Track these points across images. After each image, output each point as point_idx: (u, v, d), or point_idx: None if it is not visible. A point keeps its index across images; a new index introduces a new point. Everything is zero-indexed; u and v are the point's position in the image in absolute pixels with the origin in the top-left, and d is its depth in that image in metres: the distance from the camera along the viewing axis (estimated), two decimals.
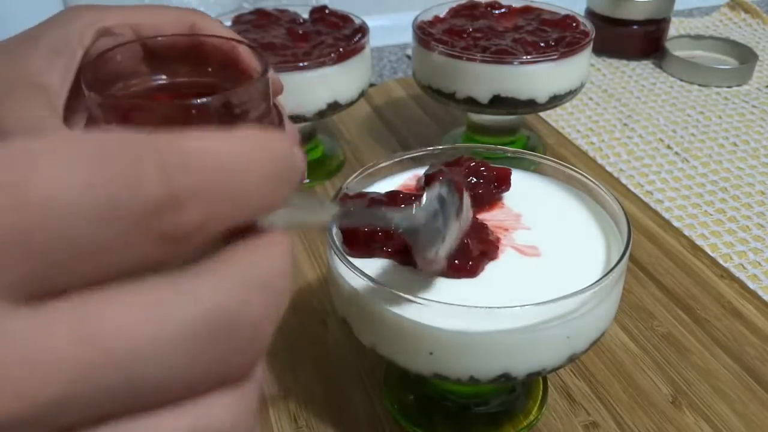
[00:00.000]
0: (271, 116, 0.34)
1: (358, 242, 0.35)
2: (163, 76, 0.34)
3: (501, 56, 0.58)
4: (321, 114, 0.60)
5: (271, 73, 0.33)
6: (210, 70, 0.35)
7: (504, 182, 0.40)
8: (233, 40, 0.34)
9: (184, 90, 0.35)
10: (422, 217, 0.28)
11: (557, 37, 0.61)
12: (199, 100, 0.30)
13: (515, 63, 0.58)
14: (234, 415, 0.15)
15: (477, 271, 0.34)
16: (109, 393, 0.13)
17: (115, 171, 0.12)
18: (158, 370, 0.13)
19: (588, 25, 0.64)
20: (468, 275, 0.34)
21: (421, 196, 0.29)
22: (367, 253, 0.35)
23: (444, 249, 0.30)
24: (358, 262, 0.34)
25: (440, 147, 0.42)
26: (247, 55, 0.34)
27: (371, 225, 0.28)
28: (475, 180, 0.39)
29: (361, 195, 0.38)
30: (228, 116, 0.30)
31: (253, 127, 0.15)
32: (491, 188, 0.40)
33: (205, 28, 0.35)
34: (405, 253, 0.34)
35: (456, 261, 0.33)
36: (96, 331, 0.12)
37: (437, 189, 0.30)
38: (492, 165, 0.40)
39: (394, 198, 0.38)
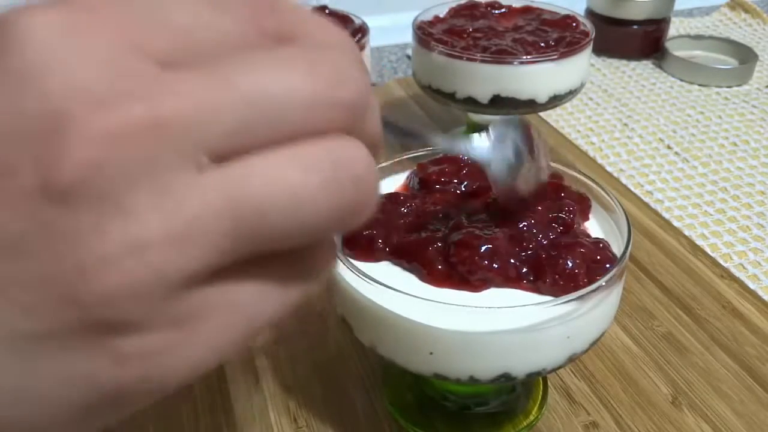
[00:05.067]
0: None
1: (359, 243, 0.35)
2: None
3: (501, 56, 0.58)
4: None
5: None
6: None
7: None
8: None
9: None
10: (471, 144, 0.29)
11: (557, 37, 0.61)
12: None
13: (515, 63, 0.58)
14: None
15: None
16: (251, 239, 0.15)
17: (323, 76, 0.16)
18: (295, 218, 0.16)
19: (588, 25, 0.64)
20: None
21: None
22: (368, 254, 0.35)
23: (517, 178, 0.31)
24: (358, 262, 0.34)
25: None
26: None
27: (410, 140, 0.28)
28: None
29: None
30: None
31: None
32: None
33: None
34: (405, 254, 0.34)
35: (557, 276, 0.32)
36: (245, 188, 0.15)
37: (500, 125, 0.31)
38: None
39: (394, 200, 0.38)
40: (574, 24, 0.64)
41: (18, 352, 0.15)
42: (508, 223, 0.35)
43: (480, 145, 0.30)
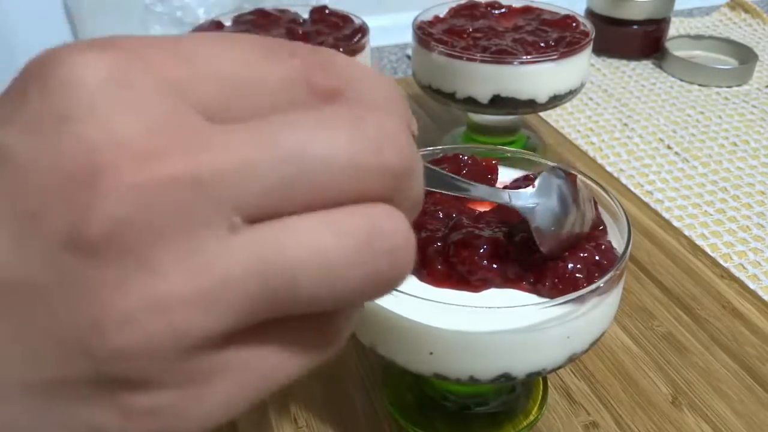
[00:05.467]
0: None
1: None
2: None
3: (501, 56, 0.58)
4: None
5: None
6: None
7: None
8: None
9: None
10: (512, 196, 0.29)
11: (557, 37, 0.61)
12: None
13: (515, 63, 0.58)
14: None
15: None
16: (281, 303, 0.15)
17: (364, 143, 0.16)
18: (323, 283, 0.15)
19: (588, 25, 0.64)
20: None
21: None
22: None
23: (562, 229, 0.31)
24: None
25: (440, 147, 0.42)
26: None
27: (454, 191, 0.28)
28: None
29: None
30: None
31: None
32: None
33: None
34: None
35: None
36: (277, 251, 0.15)
37: (548, 175, 0.31)
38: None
39: None
40: (574, 24, 0.64)
41: (29, 398, 0.15)
42: (509, 222, 0.35)
43: (524, 194, 0.30)
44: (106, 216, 0.13)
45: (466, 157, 0.40)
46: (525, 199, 0.29)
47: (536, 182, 0.31)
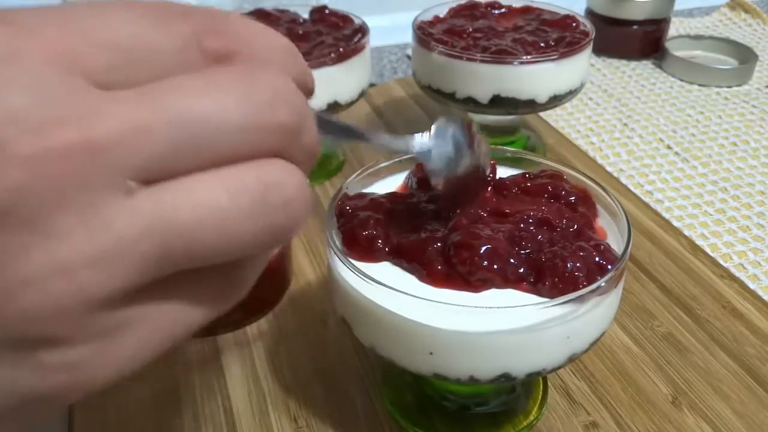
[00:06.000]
0: None
1: (359, 244, 0.35)
2: None
3: (501, 56, 0.58)
4: None
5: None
6: None
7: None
8: None
9: None
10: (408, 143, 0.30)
11: (557, 37, 0.61)
12: None
13: (515, 63, 0.58)
14: None
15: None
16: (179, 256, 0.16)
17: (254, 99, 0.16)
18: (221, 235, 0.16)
19: (588, 25, 0.64)
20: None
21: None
22: (368, 254, 0.35)
23: (456, 170, 0.32)
24: (358, 262, 0.34)
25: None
26: None
27: (353, 140, 0.29)
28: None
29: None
30: None
31: None
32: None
33: None
34: (405, 254, 0.34)
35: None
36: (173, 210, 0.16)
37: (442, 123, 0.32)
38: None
39: (393, 200, 0.38)
40: (574, 24, 0.64)
41: None
42: (509, 222, 0.35)
43: (420, 141, 0.31)
44: (4, 187, 0.14)
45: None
46: (421, 144, 0.30)
47: (432, 128, 0.31)
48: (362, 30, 0.63)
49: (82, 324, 0.15)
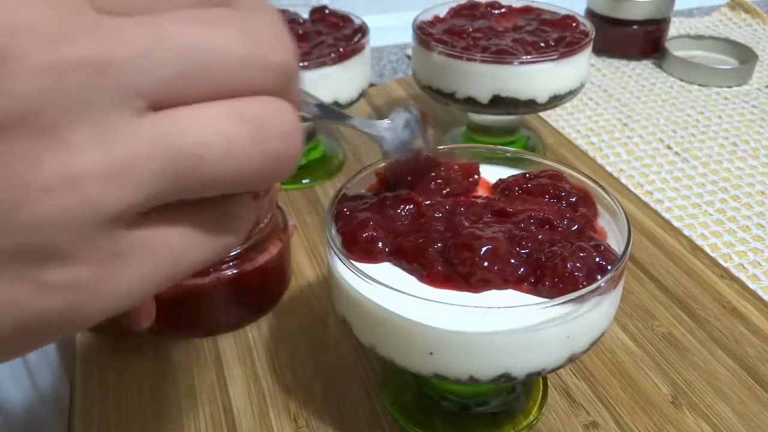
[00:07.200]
0: None
1: (359, 244, 0.35)
2: None
3: (501, 56, 0.58)
4: None
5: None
6: None
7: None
8: None
9: None
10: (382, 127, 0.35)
11: (557, 37, 0.61)
12: None
13: (515, 63, 0.58)
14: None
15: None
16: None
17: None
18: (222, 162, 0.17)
19: (588, 25, 0.64)
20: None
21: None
22: (368, 254, 0.35)
23: (408, 151, 0.36)
24: (358, 263, 0.34)
25: (440, 147, 0.42)
26: None
27: (329, 119, 0.32)
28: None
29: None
30: None
31: None
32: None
33: None
34: (405, 255, 0.34)
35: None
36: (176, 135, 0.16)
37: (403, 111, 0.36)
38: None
39: (394, 201, 0.38)
40: (574, 24, 0.64)
41: None
42: (510, 222, 0.35)
43: (379, 125, 0.35)
44: (19, 92, 0.14)
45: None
46: (379, 129, 0.35)
47: (391, 116, 0.36)
48: (362, 30, 0.63)
49: (88, 240, 0.15)
